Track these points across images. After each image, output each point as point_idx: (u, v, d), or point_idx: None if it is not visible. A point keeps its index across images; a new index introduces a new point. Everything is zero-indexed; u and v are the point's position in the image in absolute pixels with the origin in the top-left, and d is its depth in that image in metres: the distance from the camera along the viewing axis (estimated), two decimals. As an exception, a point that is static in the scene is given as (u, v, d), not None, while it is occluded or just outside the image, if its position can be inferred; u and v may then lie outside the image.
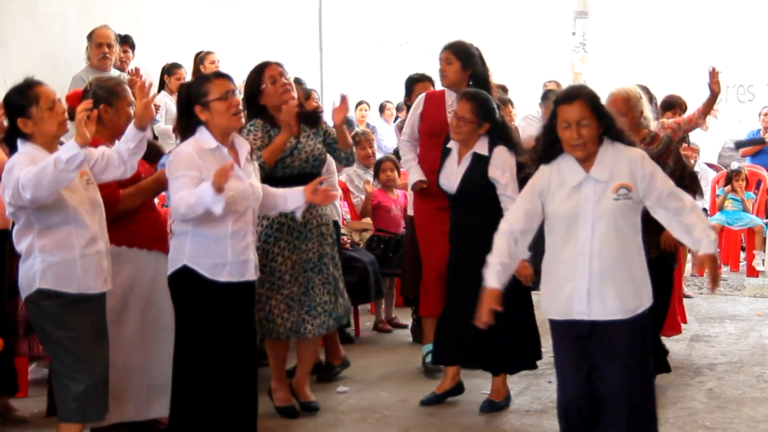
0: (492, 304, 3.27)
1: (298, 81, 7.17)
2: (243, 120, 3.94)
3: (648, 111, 4.96)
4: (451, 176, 4.49)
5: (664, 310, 4.97)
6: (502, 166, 4.27)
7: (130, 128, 3.64)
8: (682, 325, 6.19)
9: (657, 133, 4.84)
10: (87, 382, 3.48)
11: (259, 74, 4.44)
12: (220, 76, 3.98)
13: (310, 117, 4.57)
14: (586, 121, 3.17)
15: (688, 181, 4.76)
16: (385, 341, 5.56)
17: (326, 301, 4.51)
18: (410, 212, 5.27)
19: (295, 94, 4.44)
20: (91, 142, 3.73)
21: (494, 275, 3.35)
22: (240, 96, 4.00)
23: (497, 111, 4.46)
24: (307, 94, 5.55)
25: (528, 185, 3.45)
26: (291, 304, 4.40)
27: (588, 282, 3.18)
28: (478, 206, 3.61)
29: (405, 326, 6.07)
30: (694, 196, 4.86)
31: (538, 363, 4.69)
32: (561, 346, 3.34)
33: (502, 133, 4.43)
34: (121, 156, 3.65)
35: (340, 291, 4.64)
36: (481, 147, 4.40)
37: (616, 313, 3.17)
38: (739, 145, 10.00)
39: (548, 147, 3.21)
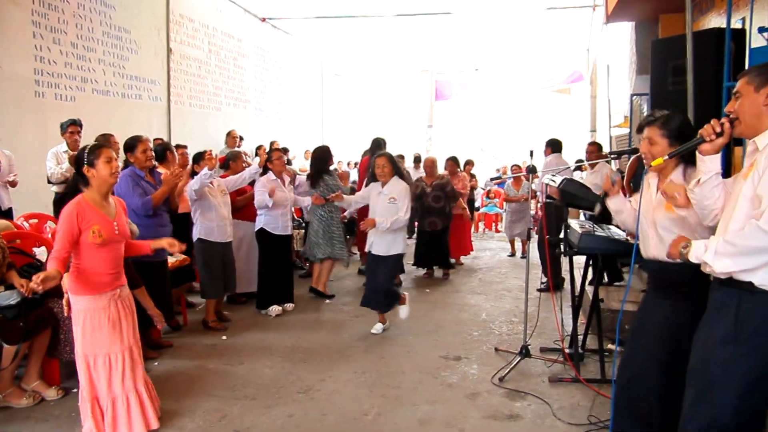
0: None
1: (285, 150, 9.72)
2: (286, 165, 6.04)
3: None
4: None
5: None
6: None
7: (250, 172, 5.59)
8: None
9: (443, 175, 7.39)
10: (216, 282, 5.11)
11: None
12: (276, 150, 6.05)
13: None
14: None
15: (450, 193, 6.91)
16: (348, 271, 7.43)
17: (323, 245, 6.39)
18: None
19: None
20: (223, 177, 5.65)
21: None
22: (285, 158, 6.17)
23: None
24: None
25: None
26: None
27: None
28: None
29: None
30: (451, 201, 6.83)
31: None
32: None
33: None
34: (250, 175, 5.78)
35: (333, 241, 6.35)
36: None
37: None
38: (492, 179, 13.45)
39: None
